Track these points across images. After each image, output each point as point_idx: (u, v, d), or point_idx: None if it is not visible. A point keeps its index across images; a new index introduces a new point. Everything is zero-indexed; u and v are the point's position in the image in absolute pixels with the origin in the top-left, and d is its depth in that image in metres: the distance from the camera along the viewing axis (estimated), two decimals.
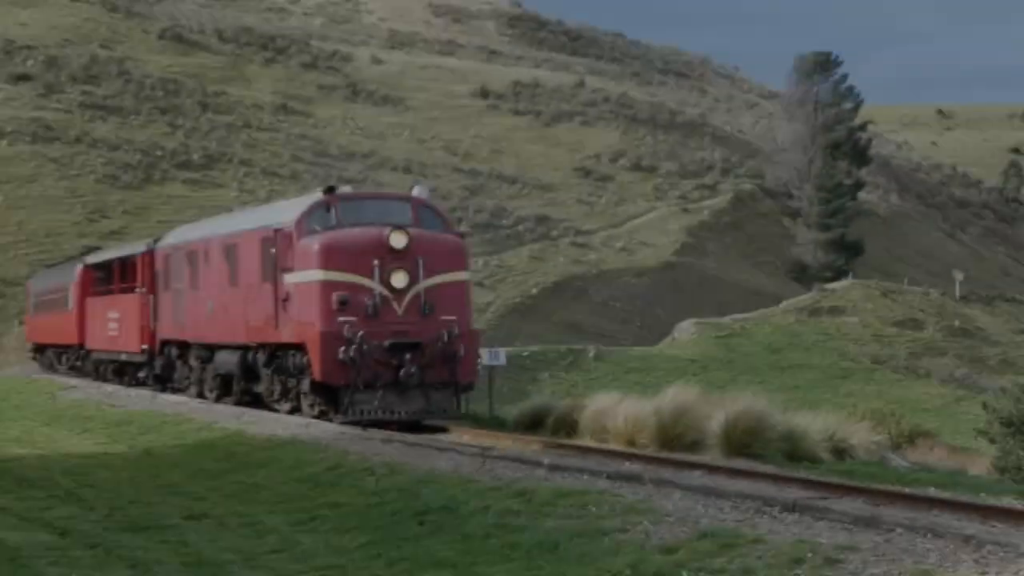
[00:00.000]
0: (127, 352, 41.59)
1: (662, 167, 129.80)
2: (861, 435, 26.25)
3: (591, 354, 77.52)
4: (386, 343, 25.64)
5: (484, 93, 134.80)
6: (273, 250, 28.21)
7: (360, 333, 25.30)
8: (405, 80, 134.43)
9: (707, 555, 13.36)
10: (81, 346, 49.41)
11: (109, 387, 44.70)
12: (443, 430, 26.54)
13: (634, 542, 14.24)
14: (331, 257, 26.31)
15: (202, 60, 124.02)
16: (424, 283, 26.32)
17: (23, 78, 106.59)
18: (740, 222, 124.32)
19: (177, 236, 38.85)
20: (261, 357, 29.74)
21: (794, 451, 23.27)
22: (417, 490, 18.72)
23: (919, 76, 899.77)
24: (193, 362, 35.48)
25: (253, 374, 30.60)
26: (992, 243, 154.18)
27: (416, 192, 29.57)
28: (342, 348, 25.20)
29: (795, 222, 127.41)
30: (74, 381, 48.97)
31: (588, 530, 14.94)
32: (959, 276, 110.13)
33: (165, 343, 37.82)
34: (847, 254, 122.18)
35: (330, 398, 26.44)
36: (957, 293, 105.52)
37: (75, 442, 30.87)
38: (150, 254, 39.11)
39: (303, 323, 26.59)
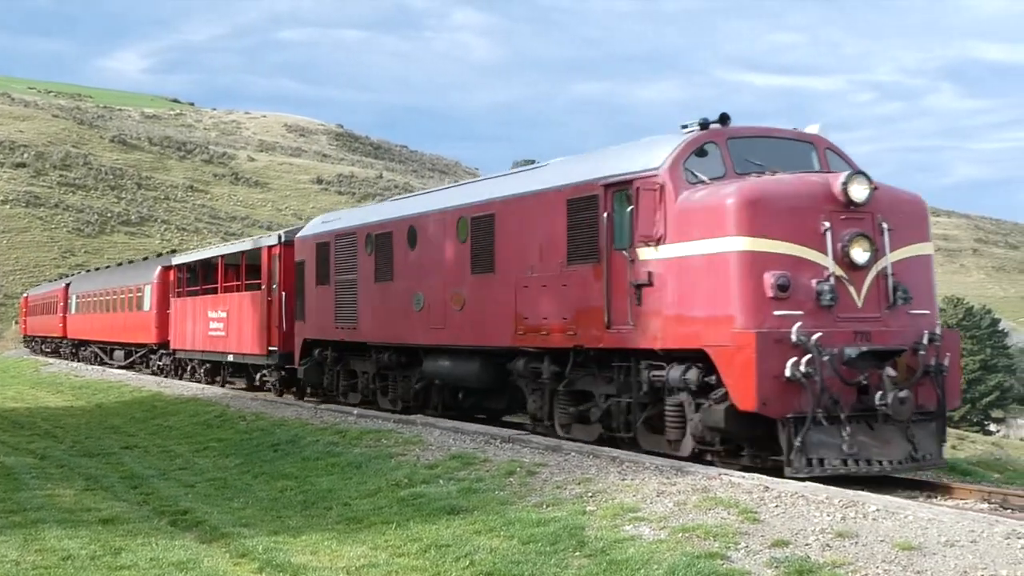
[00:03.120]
0: (238, 353, 27.00)
1: None
2: None
3: None
4: (854, 351, 11.40)
5: (319, 181, 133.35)
6: (606, 214, 13.40)
7: (816, 336, 11.13)
8: (269, 172, 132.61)
9: (455, 469, 13.29)
10: (161, 345, 34.32)
11: (73, 363, 43.29)
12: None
13: (409, 462, 14.15)
14: (758, 217, 11.59)
15: (138, 156, 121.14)
16: (891, 257, 12.05)
17: (20, 165, 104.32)
18: None
19: (338, 222, 22.10)
20: (547, 367, 15.23)
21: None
22: (273, 430, 18.42)
23: None
24: (368, 368, 20.81)
25: (499, 386, 16.99)
26: None
27: (816, 131, 13.65)
28: (792, 359, 11.05)
29: None
30: (52, 360, 47.26)
31: (381, 455, 14.80)
32: None
33: (311, 344, 22.72)
34: None
35: (732, 433, 12.06)
36: None
37: (51, 399, 29.84)
38: (288, 245, 23.99)
39: (701, 319, 12.03)
